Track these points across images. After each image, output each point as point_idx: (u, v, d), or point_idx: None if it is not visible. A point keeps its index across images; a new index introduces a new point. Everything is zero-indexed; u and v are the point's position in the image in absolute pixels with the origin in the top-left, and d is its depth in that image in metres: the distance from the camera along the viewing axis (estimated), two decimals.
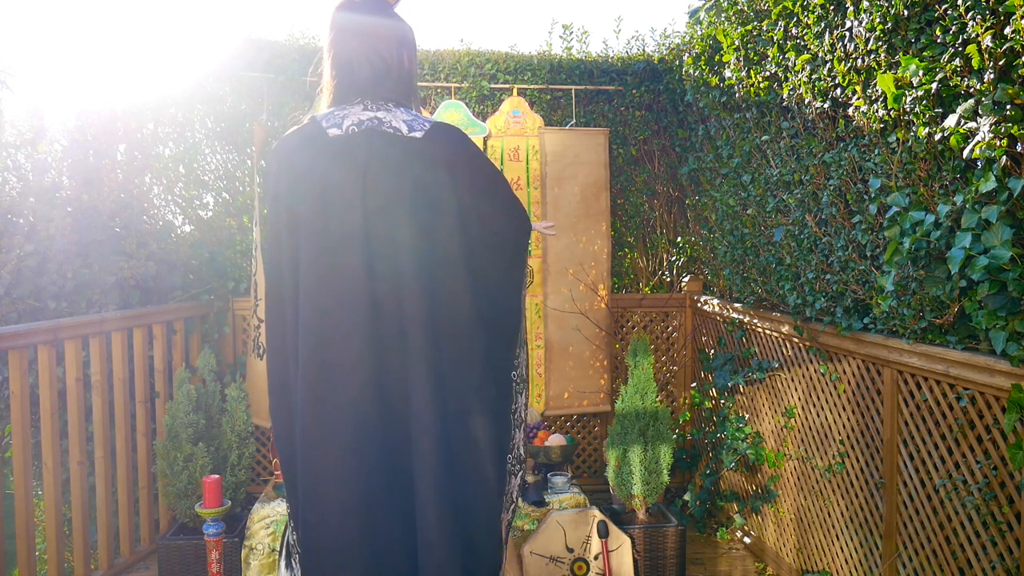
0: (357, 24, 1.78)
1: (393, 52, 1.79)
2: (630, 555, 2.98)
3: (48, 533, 2.81)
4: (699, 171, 3.77)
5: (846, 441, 2.64)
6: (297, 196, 1.72)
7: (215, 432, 3.29)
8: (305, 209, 1.71)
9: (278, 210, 1.76)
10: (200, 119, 3.88)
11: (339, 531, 1.66)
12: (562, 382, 3.99)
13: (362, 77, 1.77)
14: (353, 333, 1.67)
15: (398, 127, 1.75)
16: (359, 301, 1.68)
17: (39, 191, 3.30)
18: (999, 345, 1.82)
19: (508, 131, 3.97)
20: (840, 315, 2.56)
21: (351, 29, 1.78)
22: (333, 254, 1.69)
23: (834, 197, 2.52)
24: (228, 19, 3.95)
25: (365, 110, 1.76)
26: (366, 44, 1.78)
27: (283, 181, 1.75)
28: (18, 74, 3.48)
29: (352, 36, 1.78)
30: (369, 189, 1.70)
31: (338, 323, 1.67)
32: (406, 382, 1.69)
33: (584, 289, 3.96)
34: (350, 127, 1.74)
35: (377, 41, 1.78)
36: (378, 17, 1.80)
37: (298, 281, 1.72)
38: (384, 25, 1.80)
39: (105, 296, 3.25)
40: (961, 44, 1.90)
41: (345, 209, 1.69)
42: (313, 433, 1.68)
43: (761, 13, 2.93)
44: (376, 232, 1.70)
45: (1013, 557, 1.91)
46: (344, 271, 1.68)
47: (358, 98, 1.77)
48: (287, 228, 1.74)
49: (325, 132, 1.74)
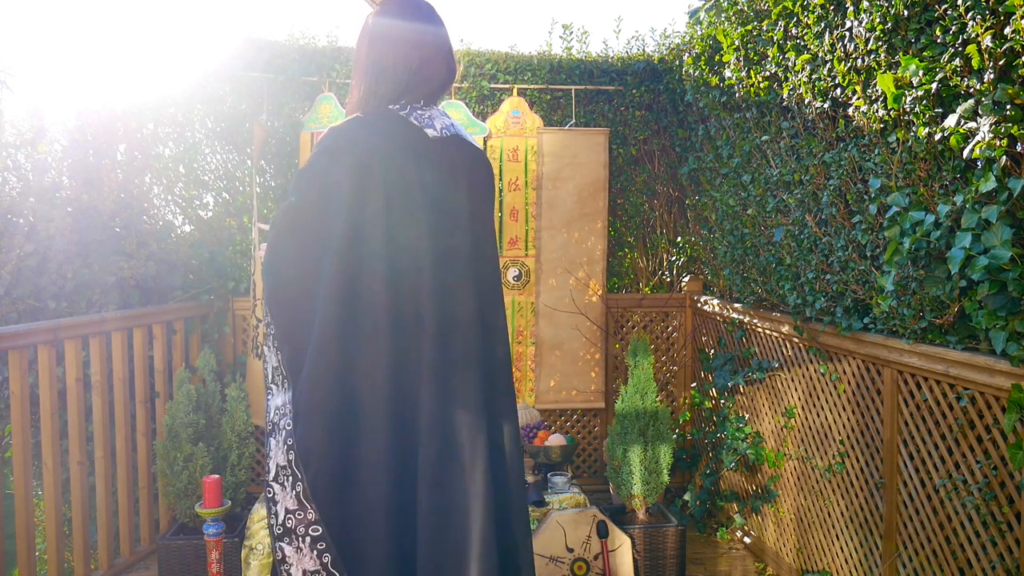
0: (429, 30, 1.82)
1: (452, 58, 1.85)
2: (630, 555, 2.98)
3: (48, 533, 2.81)
4: (699, 171, 3.77)
5: (846, 441, 2.64)
6: (400, 188, 1.68)
7: (215, 432, 3.29)
8: (407, 207, 1.69)
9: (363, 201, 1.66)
10: (200, 119, 3.88)
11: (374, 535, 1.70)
12: (553, 377, 3.99)
13: (437, 81, 1.80)
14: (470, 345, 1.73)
15: (468, 137, 1.86)
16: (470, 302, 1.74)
17: (39, 191, 3.30)
18: (999, 345, 1.82)
19: (508, 131, 3.97)
20: (840, 315, 2.56)
21: (423, 30, 1.81)
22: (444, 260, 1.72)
23: (834, 197, 2.52)
24: (228, 19, 3.95)
25: (442, 115, 1.82)
26: (439, 47, 1.81)
27: (377, 173, 1.67)
28: (18, 74, 3.48)
29: (429, 38, 1.80)
30: (472, 199, 1.79)
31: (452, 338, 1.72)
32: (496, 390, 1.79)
33: (577, 285, 3.97)
34: (443, 130, 1.78)
35: (445, 45, 1.83)
36: (439, 25, 1.84)
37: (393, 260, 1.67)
38: (445, 33, 1.85)
39: (105, 296, 3.25)
40: (961, 44, 1.90)
41: (456, 218, 1.75)
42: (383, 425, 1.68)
43: (761, 13, 2.93)
44: (477, 241, 1.78)
45: (1013, 557, 1.91)
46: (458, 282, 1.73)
47: (422, 100, 1.80)
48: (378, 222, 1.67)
49: (422, 131, 1.75)
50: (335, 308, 1.62)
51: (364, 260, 1.64)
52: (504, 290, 3.99)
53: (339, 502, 1.64)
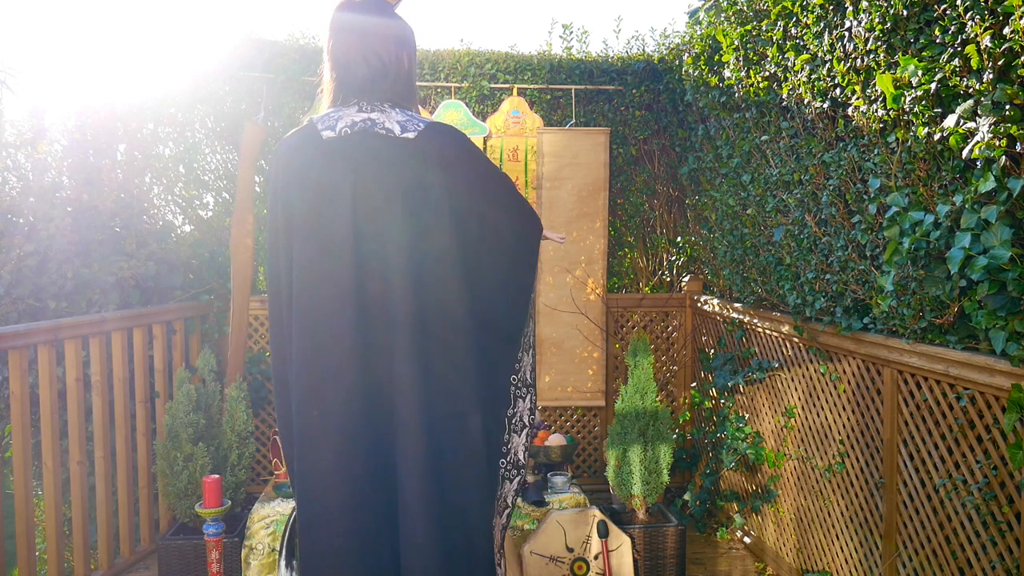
0: (355, 24, 1.78)
1: (391, 52, 1.78)
2: (630, 555, 2.98)
3: (48, 533, 2.81)
4: (699, 171, 3.77)
5: (846, 441, 2.64)
6: (292, 198, 1.74)
7: (215, 432, 3.29)
8: (299, 211, 1.72)
9: (276, 211, 1.78)
10: (200, 119, 3.89)
11: (328, 535, 1.67)
12: (552, 375, 4.00)
13: (359, 77, 1.76)
14: (342, 336, 1.68)
15: (391, 128, 1.74)
16: (347, 304, 1.68)
17: (39, 191, 3.30)
18: (999, 345, 1.82)
19: (508, 131, 3.97)
20: (840, 315, 2.56)
21: (349, 29, 1.78)
22: (324, 257, 1.70)
23: (834, 197, 2.52)
24: (228, 19, 3.95)
25: (360, 111, 1.75)
26: (364, 44, 1.76)
27: (280, 182, 1.76)
28: (18, 74, 3.49)
29: (350, 36, 1.77)
30: (359, 191, 1.70)
31: (328, 326, 1.69)
32: (391, 384, 1.68)
33: (576, 284, 3.97)
34: (343, 129, 1.74)
35: (375, 41, 1.77)
36: (376, 17, 1.79)
37: (292, 283, 1.73)
38: (382, 25, 1.79)
39: (105, 296, 3.25)
40: (960, 44, 1.90)
41: (336, 212, 1.70)
42: (305, 436, 1.70)
43: (760, 13, 2.93)
44: (367, 234, 1.70)
45: (1013, 557, 1.91)
46: (334, 275, 1.69)
47: (354, 99, 1.77)
48: (284, 229, 1.76)
49: (320, 134, 1.74)
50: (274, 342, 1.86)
51: (276, 273, 1.81)
52: None
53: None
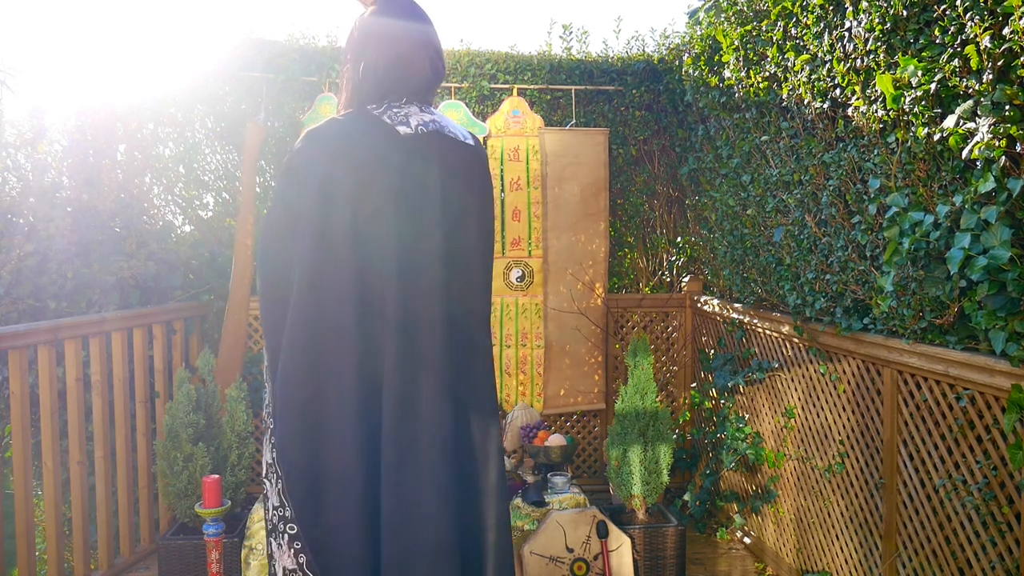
0: (416, 27, 1.80)
1: (440, 57, 1.83)
2: (630, 555, 2.98)
3: (48, 533, 2.81)
4: (699, 171, 3.77)
5: (846, 441, 2.64)
6: (363, 187, 1.67)
7: (215, 432, 3.29)
8: (373, 204, 1.67)
9: (328, 195, 1.67)
10: (200, 119, 3.89)
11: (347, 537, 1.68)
12: (559, 381, 3.99)
13: (423, 79, 1.78)
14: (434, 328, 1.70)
15: (455, 132, 1.80)
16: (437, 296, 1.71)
17: (39, 191, 3.30)
18: (999, 345, 1.82)
19: (508, 131, 3.97)
20: (840, 315, 2.56)
21: (413, 29, 1.79)
22: (420, 242, 1.71)
23: (834, 197, 2.52)
24: (228, 19, 3.96)
25: (421, 111, 1.78)
26: (428, 46, 1.80)
27: (340, 166, 1.67)
28: (18, 74, 3.49)
29: (415, 36, 1.79)
30: (448, 191, 1.75)
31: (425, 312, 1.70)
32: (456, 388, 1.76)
33: (582, 288, 3.97)
34: (419, 127, 1.74)
35: (435, 45, 1.82)
36: (426, 23, 1.83)
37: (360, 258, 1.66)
38: (432, 32, 1.84)
39: (105, 296, 3.25)
40: (960, 45, 1.90)
41: (427, 207, 1.72)
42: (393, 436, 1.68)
43: (760, 13, 2.93)
44: (451, 232, 1.75)
45: (1013, 557, 1.91)
46: (429, 267, 1.71)
47: (404, 98, 1.78)
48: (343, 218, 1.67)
49: (394, 128, 1.72)
50: (305, 310, 1.66)
51: (331, 263, 1.67)
52: (507, 291, 3.99)
53: (311, 500, 1.65)
